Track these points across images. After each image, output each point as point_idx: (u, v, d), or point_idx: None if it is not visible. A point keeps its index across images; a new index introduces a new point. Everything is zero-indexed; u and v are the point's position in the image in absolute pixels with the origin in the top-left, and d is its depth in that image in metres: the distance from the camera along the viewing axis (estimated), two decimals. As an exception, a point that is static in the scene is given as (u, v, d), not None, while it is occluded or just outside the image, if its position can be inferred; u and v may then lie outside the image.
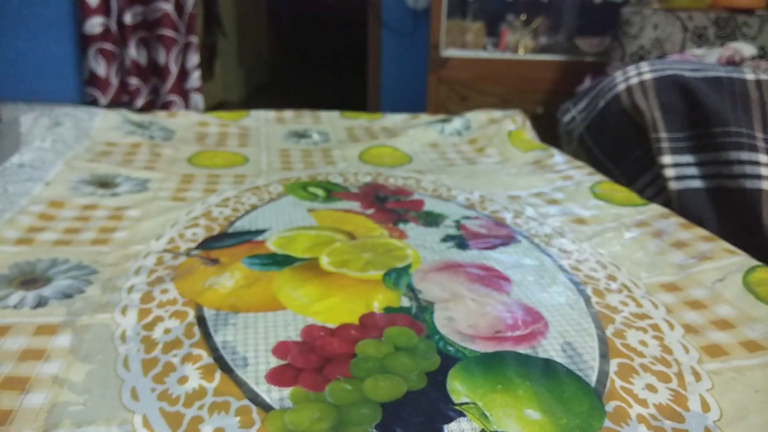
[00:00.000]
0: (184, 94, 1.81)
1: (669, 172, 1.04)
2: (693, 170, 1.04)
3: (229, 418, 0.43)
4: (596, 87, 1.25)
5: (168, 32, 1.70)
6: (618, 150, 1.18)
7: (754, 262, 0.66)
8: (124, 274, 0.62)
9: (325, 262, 0.66)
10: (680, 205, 1.02)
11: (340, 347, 0.51)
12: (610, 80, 1.19)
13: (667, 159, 1.05)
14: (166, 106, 1.76)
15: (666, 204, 0.95)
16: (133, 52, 1.69)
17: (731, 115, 1.01)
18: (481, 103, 1.81)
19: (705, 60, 1.32)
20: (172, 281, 0.60)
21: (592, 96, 1.25)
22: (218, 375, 0.47)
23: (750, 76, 1.04)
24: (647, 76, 1.10)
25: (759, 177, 0.96)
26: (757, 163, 0.97)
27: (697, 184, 1.03)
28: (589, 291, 0.63)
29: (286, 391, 0.45)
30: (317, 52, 4.08)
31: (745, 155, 0.98)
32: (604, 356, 0.52)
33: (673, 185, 1.03)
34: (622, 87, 1.13)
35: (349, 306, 0.57)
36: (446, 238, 0.73)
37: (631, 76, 1.13)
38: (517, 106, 1.41)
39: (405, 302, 0.58)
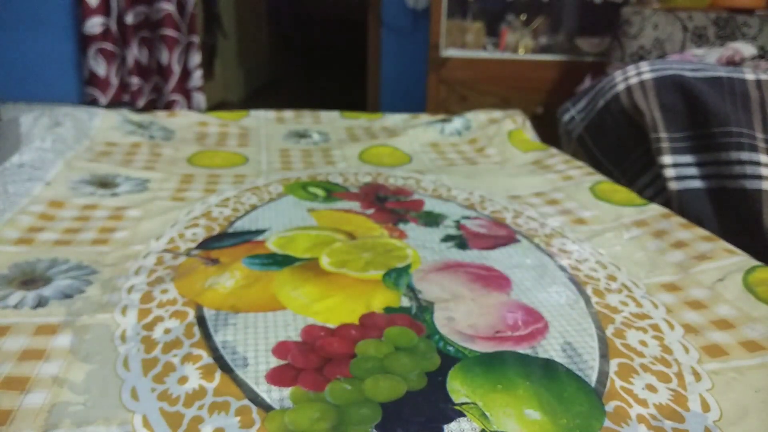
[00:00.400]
0: (187, 94, 1.81)
1: (669, 173, 1.04)
2: (693, 170, 1.04)
3: (229, 418, 0.43)
4: (596, 87, 1.25)
5: (171, 32, 1.71)
6: (617, 150, 1.18)
7: (754, 262, 0.66)
8: (124, 274, 0.62)
9: (325, 262, 0.66)
10: (680, 205, 1.02)
11: (340, 347, 0.51)
12: (609, 80, 1.19)
13: (666, 159, 1.05)
14: (169, 105, 1.77)
15: (666, 204, 0.95)
16: (135, 52, 1.69)
17: (731, 115, 1.01)
18: (481, 103, 1.81)
19: (705, 60, 1.32)
20: (172, 281, 0.60)
21: (592, 96, 1.25)
22: (218, 375, 0.47)
23: (750, 76, 1.04)
24: (647, 76, 1.10)
25: (759, 177, 0.96)
26: (757, 164, 0.97)
27: (697, 184, 1.03)
28: (589, 291, 0.63)
29: (286, 391, 0.45)
30: (317, 52, 4.09)
31: (745, 155, 0.98)
32: (604, 356, 0.52)
33: (673, 185, 1.03)
34: (621, 87, 1.13)
35: (349, 306, 0.57)
36: (446, 238, 0.73)
37: (631, 76, 1.12)
38: (517, 106, 1.41)
39: (405, 302, 0.58)
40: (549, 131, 1.35)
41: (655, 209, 0.82)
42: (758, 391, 0.48)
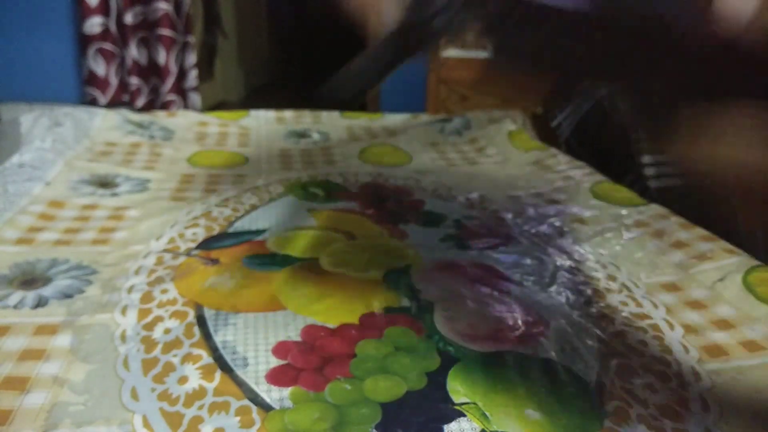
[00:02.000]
0: (183, 94, 1.81)
1: (648, 171, 1.05)
2: (672, 168, 1.05)
3: (229, 418, 0.43)
4: (580, 92, 1.27)
5: (168, 32, 1.71)
6: (602, 152, 1.20)
7: (754, 262, 0.66)
8: (124, 274, 0.62)
9: (325, 262, 0.66)
10: (661, 203, 1.03)
11: (340, 347, 0.51)
12: (591, 84, 1.21)
13: (646, 158, 1.06)
14: (165, 105, 1.76)
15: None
16: (134, 52, 1.69)
17: None
18: (481, 103, 1.81)
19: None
20: (172, 281, 0.60)
21: (577, 101, 1.27)
22: (218, 375, 0.47)
23: None
24: None
25: None
26: None
27: (676, 181, 1.04)
28: (589, 291, 0.63)
29: (286, 391, 0.45)
30: (317, 52, 4.08)
31: None
32: (604, 356, 0.52)
33: (653, 183, 1.04)
34: (603, 90, 1.15)
35: (349, 306, 0.57)
36: (446, 238, 0.73)
37: None
38: (517, 106, 1.41)
39: (405, 302, 0.58)
40: (549, 131, 1.35)
41: (655, 209, 0.82)
42: (758, 392, 0.48)
